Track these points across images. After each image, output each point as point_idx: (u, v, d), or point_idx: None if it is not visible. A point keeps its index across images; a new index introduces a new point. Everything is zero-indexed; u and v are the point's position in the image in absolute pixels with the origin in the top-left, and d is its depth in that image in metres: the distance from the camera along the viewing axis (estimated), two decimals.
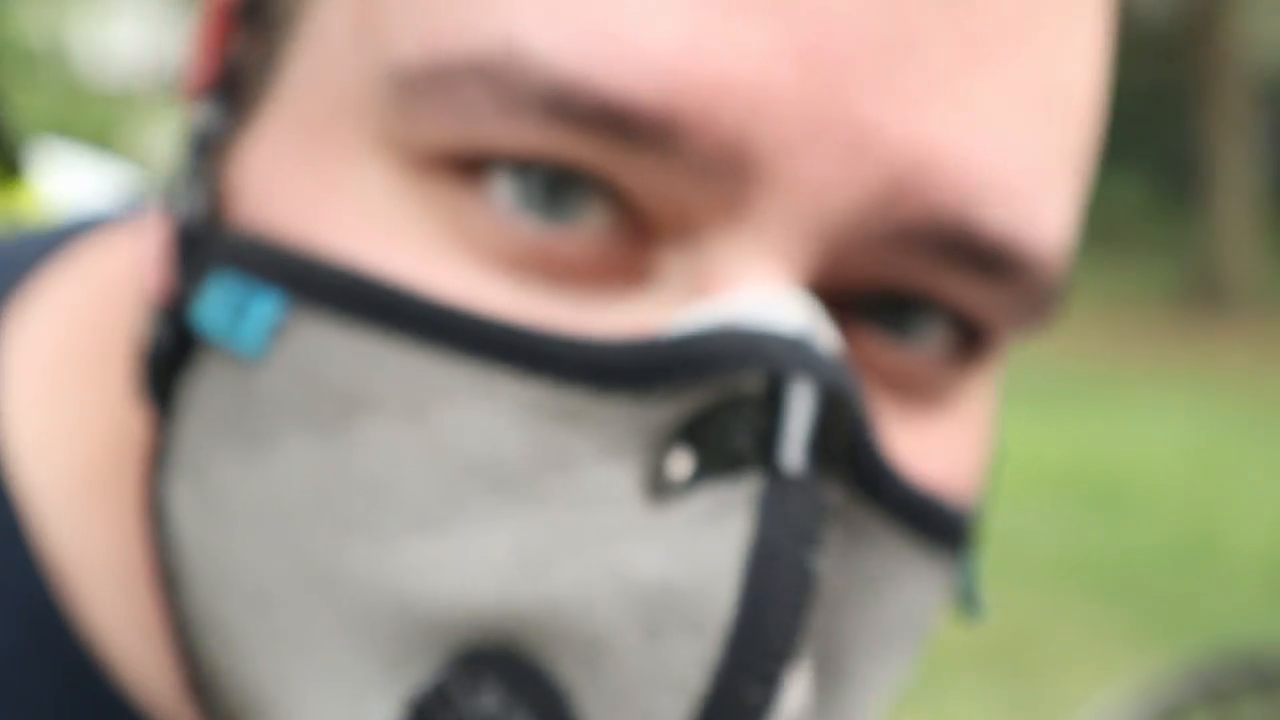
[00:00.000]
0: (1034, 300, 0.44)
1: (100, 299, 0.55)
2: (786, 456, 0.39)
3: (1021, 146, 0.42)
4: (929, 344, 0.45)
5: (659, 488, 0.40)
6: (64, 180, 0.70)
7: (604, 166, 0.41)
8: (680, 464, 0.40)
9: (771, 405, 0.39)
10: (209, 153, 0.47)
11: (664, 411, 0.40)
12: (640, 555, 0.39)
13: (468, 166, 0.42)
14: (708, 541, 0.39)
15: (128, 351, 0.52)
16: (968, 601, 0.50)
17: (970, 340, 0.46)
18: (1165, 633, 4.06)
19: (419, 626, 0.41)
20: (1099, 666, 3.80)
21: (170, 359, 0.46)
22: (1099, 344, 8.08)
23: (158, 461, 0.47)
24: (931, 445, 0.45)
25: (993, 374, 0.48)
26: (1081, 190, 0.47)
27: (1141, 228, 11.25)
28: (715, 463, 0.39)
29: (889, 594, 0.45)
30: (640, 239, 0.42)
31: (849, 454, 0.41)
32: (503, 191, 0.41)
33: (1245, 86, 9.95)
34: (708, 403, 0.40)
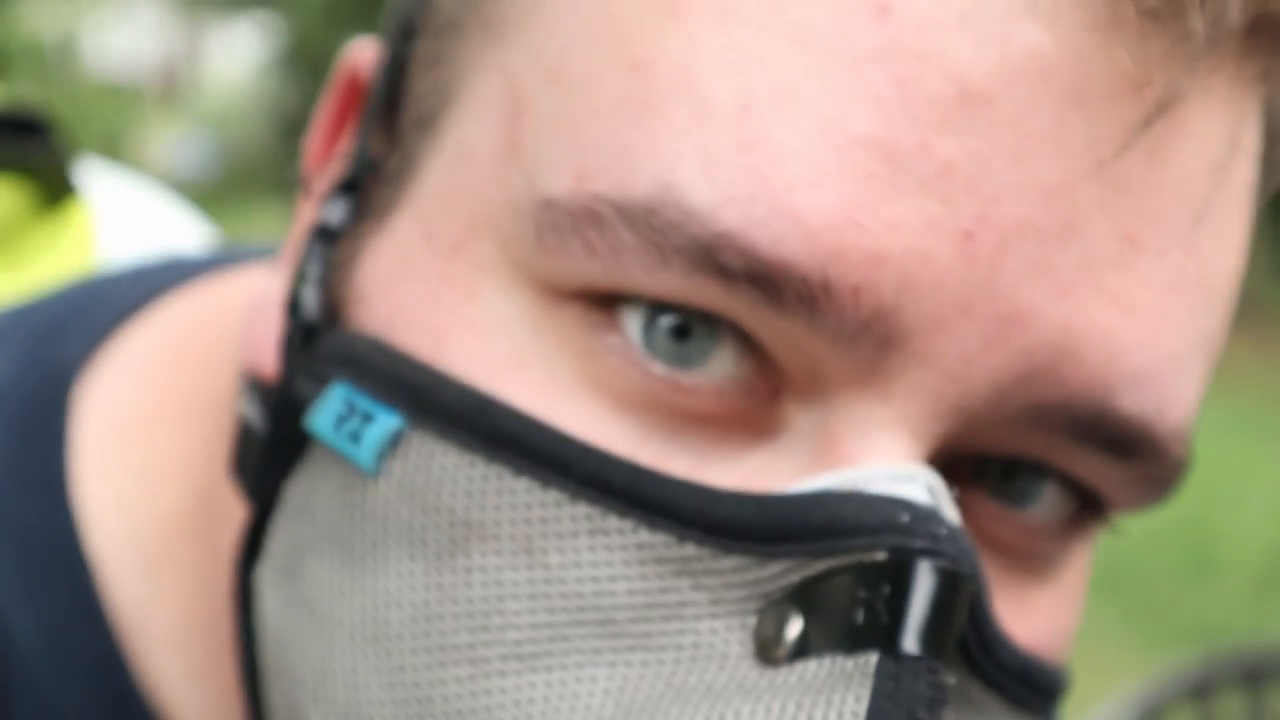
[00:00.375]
0: (1159, 479, 0.44)
1: (184, 356, 0.55)
2: (906, 638, 0.37)
3: (1166, 335, 0.42)
4: (1042, 509, 0.44)
5: (768, 650, 0.39)
6: (108, 201, 0.73)
7: (744, 320, 0.40)
8: (793, 628, 0.39)
9: (894, 581, 0.38)
10: (333, 248, 0.47)
11: (780, 571, 0.39)
12: (745, 717, 0.38)
13: (604, 302, 0.41)
14: (819, 715, 0.37)
15: (212, 414, 0.52)
16: None
17: (1086, 511, 0.45)
18: (1154, 629, 4.07)
19: None
20: (1088, 662, 3.81)
21: (277, 452, 0.46)
22: None
23: (251, 549, 0.46)
24: (1034, 613, 0.45)
25: (1093, 543, 0.48)
26: (1214, 364, 0.46)
27: None
28: (831, 633, 0.38)
29: None
30: (771, 393, 0.42)
31: (965, 632, 0.40)
32: (634, 329, 0.41)
33: None
34: (826, 569, 0.39)
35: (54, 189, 0.68)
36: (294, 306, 0.47)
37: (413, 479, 0.42)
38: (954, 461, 0.43)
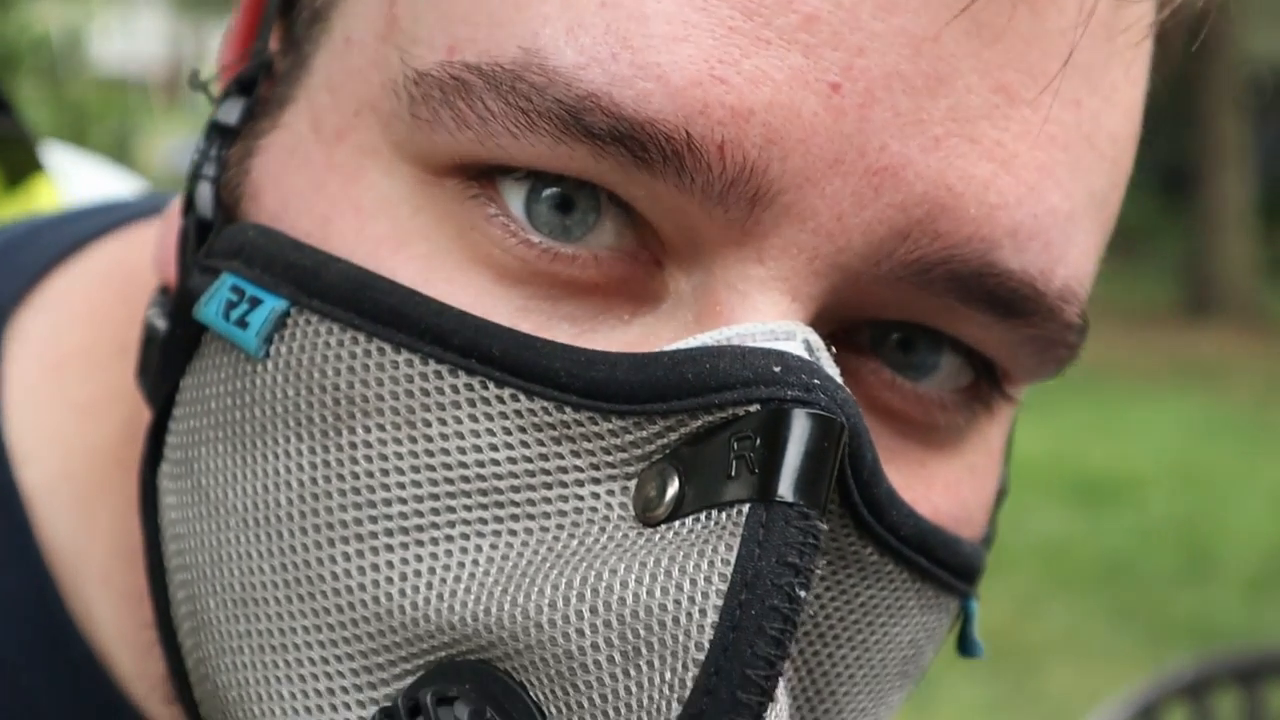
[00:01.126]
0: (1051, 344, 0.44)
1: (117, 295, 0.55)
2: (778, 486, 0.38)
3: (1047, 190, 0.42)
4: (939, 378, 0.44)
5: (649, 510, 0.39)
6: (74, 180, 0.72)
7: (617, 185, 0.41)
8: (673, 488, 0.39)
9: (766, 431, 0.38)
10: (229, 146, 0.47)
11: (658, 433, 0.39)
12: (623, 577, 0.38)
13: (481, 176, 0.42)
14: (692, 567, 0.38)
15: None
16: (964, 641, 0.50)
17: (985, 381, 0.45)
18: (1150, 629, 4.07)
19: (398, 636, 0.41)
20: (1084, 662, 3.80)
21: (173, 348, 0.46)
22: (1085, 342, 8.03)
23: (154, 452, 0.47)
24: (936, 485, 0.45)
25: (1005, 421, 0.48)
26: (1108, 232, 0.46)
27: (1132, 230, 11.20)
28: (707, 489, 0.38)
29: (886, 626, 0.44)
30: (650, 261, 0.42)
31: (847, 485, 0.41)
32: (513, 203, 0.41)
33: (1240, 102, 9.92)
34: (703, 426, 0.39)
35: (19, 166, 0.68)
36: (189, 205, 0.47)
37: (298, 359, 0.42)
38: (849, 329, 0.43)
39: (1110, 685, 3.32)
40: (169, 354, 0.47)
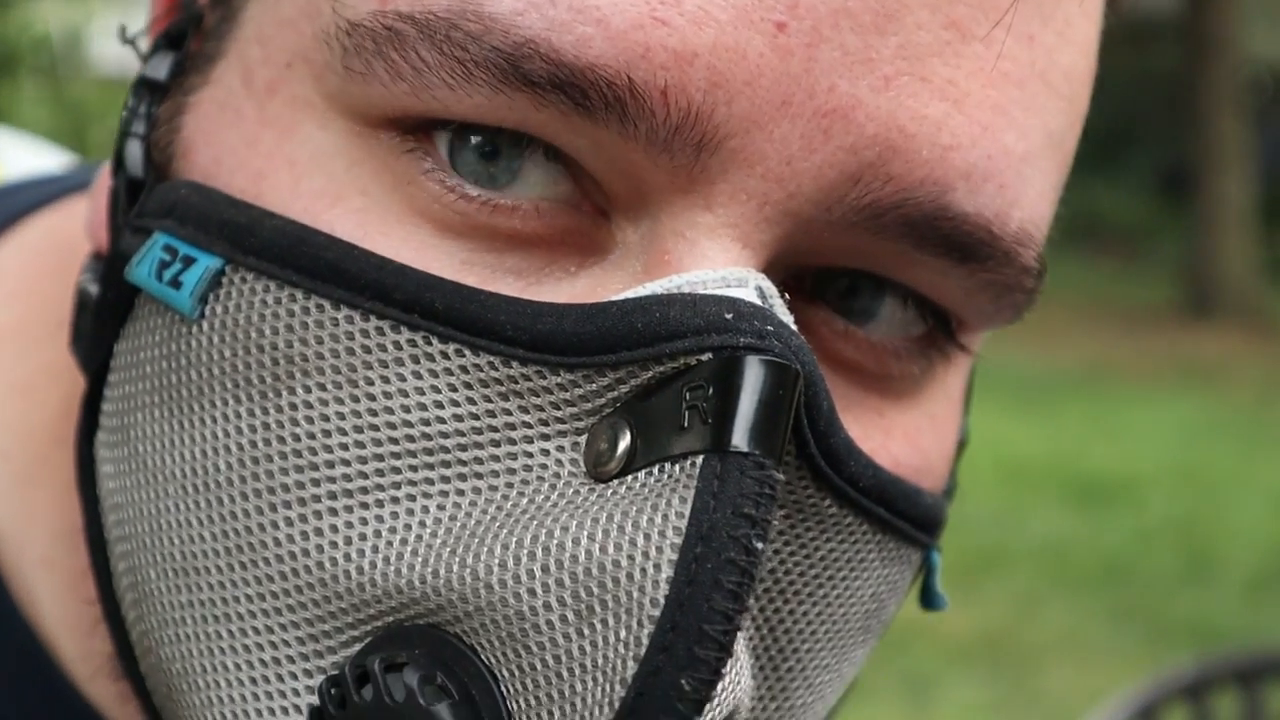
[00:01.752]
0: (1008, 289, 0.43)
1: (52, 271, 0.54)
2: (732, 436, 0.37)
3: (1001, 130, 0.41)
4: (886, 326, 0.43)
5: (601, 465, 0.38)
6: (6, 159, 0.70)
7: (559, 136, 0.40)
8: (624, 441, 0.38)
9: (719, 380, 0.37)
10: (159, 103, 0.46)
11: (608, 386, 0.38)
12: (574, 534, 0.37)
13: (417, 130, 0.41)
14: (645, 522, 0.37)
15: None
16: (927, 594, 0.48)
17: (939, 331, 0.44)
18: (1149, 629, 4.07)
19: (343, 602, 0.40)
20: (1083, 663, 3.80)
21: (107, 315, 0.45)
22: (1084, 343, 8.05)
23: (89, 422, 0.46)
24: (894, 435, 0.44)
25: (963, 371, 0.47)
26: (1065, 173, 0.45)
27: (1132, 231, 11.20)
28: (659, 441, 0.37)
29: (847, 579, 0.43)
30: (594, 212, 0.41)
31: (803, 435, 0.39)
32: (446, 154, 0.40)
33: (1240, 102, 9.92)
34: (654, 377, 0.38)
35: None
36: (119, 164, 0.46)
37: (234, 319, 0.41)
38: (795, 277, 0.42)
39: (1110, 685, 3.32)
40: (101, 319, 0.45)
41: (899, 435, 0.45)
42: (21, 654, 0.50)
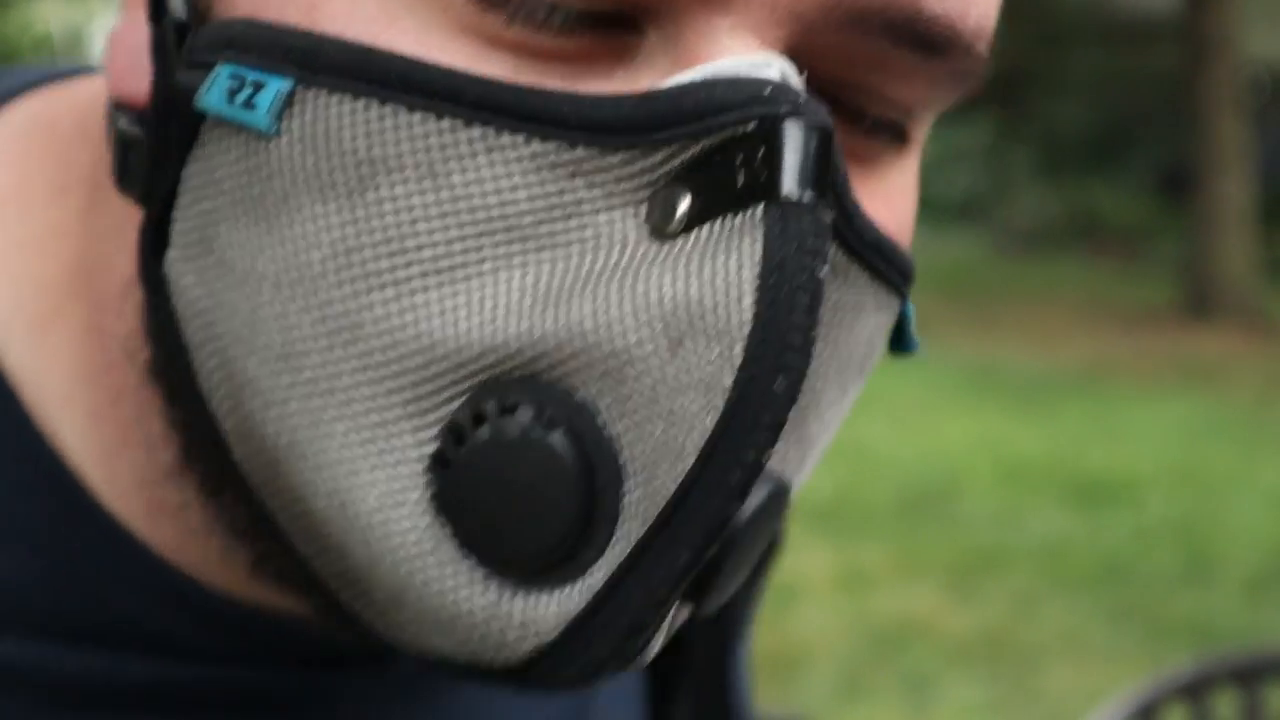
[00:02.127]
0: (965, 75, 0.50)
1: (49, 140, 0.57)
2: (786, 183, 0.42)
3: None
4: (872, 128, 0.50)
5: (663, 227, 0.43)
6: None
7: None
8: (683, 205, 0.43)
9: (766, 142, 0.42)
10: None
11: (663, 160, 0.43)
12: (655, 282, 0.42)
13: None
14: (721, 263, 0.42)
15: (85, 188, 0.54)
16: (904, 339, 0.54)
17: (900, 127, 0.51)
18: (1149, 629, 4.08)
19: (445, 365, 0.44)
20: (1082, 662, 3.81)
21: (168, 144, 0.48)
22: (1083, 343, 8.07)
23: (154, 245, 0.49)
24: (877, 202, 0.50)
25: (915, 157, 0.54)
26: None
27: (1131, 231, 11.22)
28: (718, 200, 0.42)
29: (855, 324, 0.49)
30: (623, 27, 0.45)
31: (835, 189, 0.45)
32: None
33: (1240, 103, 9.94)
34: (705, 146, 0.43)
35: None
36: (159, 13, 0.48)
37: (313, 130, 0.45)
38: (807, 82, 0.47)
39: (1109, 685, 3.33)
40: (163, 149, 0.48)
41: (880, 201, 0.51)
42: (51, 478, 0.53)
